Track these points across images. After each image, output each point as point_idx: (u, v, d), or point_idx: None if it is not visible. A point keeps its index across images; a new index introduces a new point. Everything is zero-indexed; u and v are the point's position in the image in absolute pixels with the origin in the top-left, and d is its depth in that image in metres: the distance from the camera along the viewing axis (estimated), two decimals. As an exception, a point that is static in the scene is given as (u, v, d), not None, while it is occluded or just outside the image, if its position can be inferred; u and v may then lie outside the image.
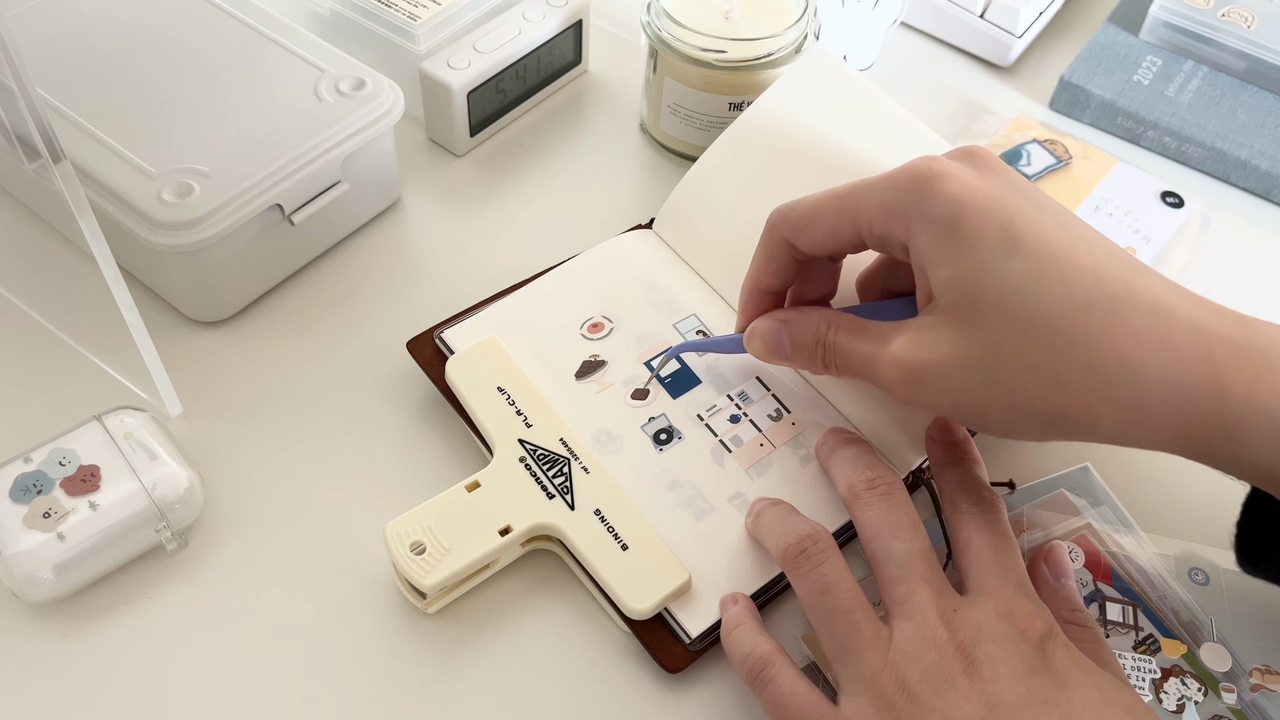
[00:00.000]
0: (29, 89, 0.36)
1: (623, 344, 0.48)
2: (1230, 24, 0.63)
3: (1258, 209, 0.60)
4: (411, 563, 0.40)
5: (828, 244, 0.40)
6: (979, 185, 0.37)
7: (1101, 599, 0.43)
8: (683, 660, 0.40)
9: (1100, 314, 0.35)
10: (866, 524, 0.39)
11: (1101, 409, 0.35)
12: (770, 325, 0.43)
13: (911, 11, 0.67)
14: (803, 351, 0.42)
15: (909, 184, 0.37)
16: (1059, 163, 0.60)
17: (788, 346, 0.42)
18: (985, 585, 0.38)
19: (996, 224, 0.36)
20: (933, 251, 0.37)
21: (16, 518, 0.40)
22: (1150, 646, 0.42)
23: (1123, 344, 0.34)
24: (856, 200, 0.39)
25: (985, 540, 0.39)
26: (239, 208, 0.46)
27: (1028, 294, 0.35)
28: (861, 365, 0.39)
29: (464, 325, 0.48)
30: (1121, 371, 0.34)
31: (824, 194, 0.40)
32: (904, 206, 0.37)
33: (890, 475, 0.41)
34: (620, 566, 0.41)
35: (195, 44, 0.52)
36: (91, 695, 0.40)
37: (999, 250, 0.35)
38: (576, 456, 0.44)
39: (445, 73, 0.55)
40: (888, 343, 0.38)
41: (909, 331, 0.38)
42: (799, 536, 0.39)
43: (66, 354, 0.49)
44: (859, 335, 0.40)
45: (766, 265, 0.42)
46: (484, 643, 0.41)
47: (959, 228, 0.36)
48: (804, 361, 0.42)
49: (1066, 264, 0.35)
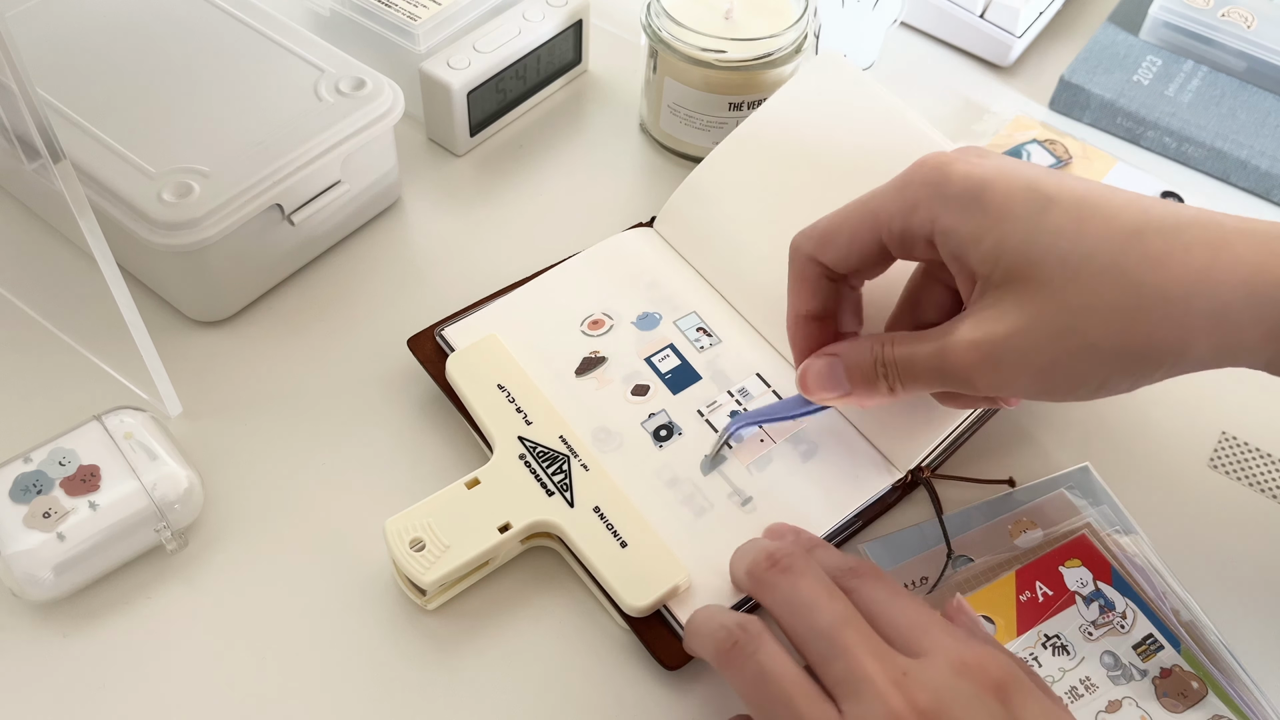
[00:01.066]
0: (29, 89, 0.36)
1: (623, 341, 0.48)
2: (1230, 24, 0.63)
3: (1258, 209, 0.60)
4: (411, 559, 0.40)
5: (851, 255, 0.40)
6: (989, 163, 0.37)
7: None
8: (681, 657, 0.40)
9: (1155, 238, 0.34)
10: (778, 605, 0.36)
11: (1189, 331, 0.34)
12: (822, 362, 0.41)
13: (911, 11, 0.67)
14: (861, 377, 0.40)
15: (921, 176, 0.37)
16: (1059, 163, 0.60)
17: (844, 378, 0.40)
18: (924, 643, 0.34)
19: (1020, 187, 0.36)
20: (964, 229, 0.36)
21: (16, 518, 0.40)
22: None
23: (1190, 260, 0.34)
24: (873, 206, 0.39)
25: (893, 602, 0.35)
26: (239, 208, 0.46)
27: (1078, 238, 0.35)
28: (929, 367, 0.38)
29: (464, 322, 0.48)
30: (1199, 286, 0.34)
31: (841, 208, 0.40)
32: (922, 199, 0.37)
33: (789, 547, 0.38)
34: (619, 563, 0.41)
35: (195, 44, 0.52)
36: (91, 695, 0.40)
37: (1034, 207, 0.35)
38: (576, 454, 0.44)
39: (445, 73, 0.55)
40: (951, 334, 0.37)
41: (969, 317, 0.37)
42: (727, 630, 0.35)
43: (66, 354, 0.49)
44: (918, 340, 0.38)
45: (800, 288, 0.42)
46: (483, 639, 0.41)
47: (985, 199, 0.36)
48: (864, 388, 0.40)
49: (1102, 203, 0.35)
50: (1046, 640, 0.42)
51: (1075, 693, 0.41)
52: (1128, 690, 0.41)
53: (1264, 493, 0.47)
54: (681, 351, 0.48)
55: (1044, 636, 0.42)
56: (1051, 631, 0.42)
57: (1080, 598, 0.43)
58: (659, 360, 0.47)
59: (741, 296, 0.50)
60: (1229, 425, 0.50)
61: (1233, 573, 0.45)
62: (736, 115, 0.55)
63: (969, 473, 0.46)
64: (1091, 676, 0.41)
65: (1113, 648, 0.41)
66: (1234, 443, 0.49)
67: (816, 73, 0.50)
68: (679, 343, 0.48)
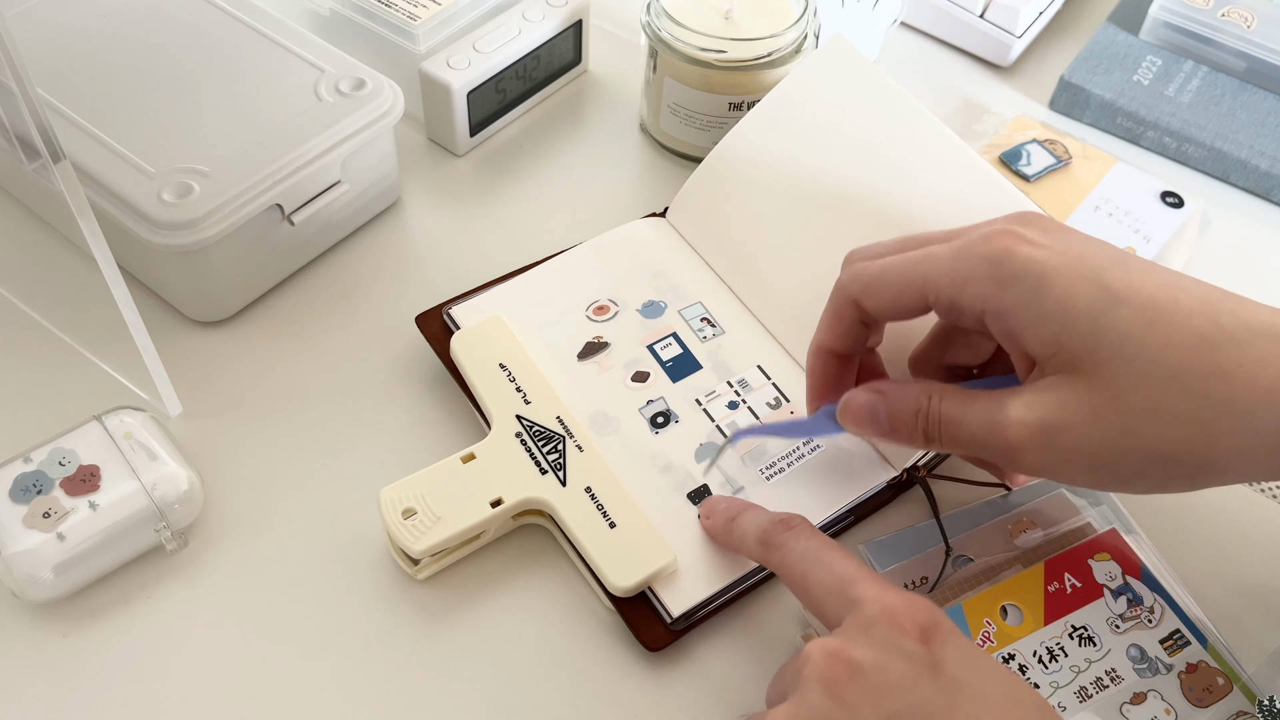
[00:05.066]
0: (29, 89, 0.36)
1: (627, 328, 0.48)
2: (1230, 24, 0.63)
3: (1258, 209, 0.60)
4: (402, 528, 0.41)
5: (892, 310, 0.39)
6: (1054, 246, 0.36)
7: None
8: (664, 639, 0.41)
9: (1224, 349, 0.34)
10: None
11: (1254, 446, 0.34)
12: (866, 398, 0.40)
13: (911, 11, 0.67)
14: (902, 425, 0.39)
15: (980, 252, 0.36)
16: (1059, 163, 0.60)
17: (884, 419, 0.39)
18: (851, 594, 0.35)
19: (1087, 280, 0.35)
20: (1025, 314, 0.35)
21: (16, 518, 0.40)
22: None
23: (1257, 374, 0.33)
24: (924, 269, 0.38)
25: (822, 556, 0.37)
26: (239, 208, 0.46)
27: (1145, 341, 0.34)
28: (977, 435, 0.37)
29: (472, 302, 0.49)
30: (1267, 401, 0.33)
31: (893, 257, 0.39)
32: (977, 274, 0.36)
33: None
34: (607, 543, 0.41)
35: (195, 44, 0.52)
36: (91, 695, 0.40)
37: (1100, 303, 0.34)
38: (572, 435, 0.44)
39: (445, 73, 0.55)
40: (1004, 408, 0.36)
41: (1025, 394, 0.36)
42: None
43: (66, 354, 0.49)
44: (969, 403, 0.37)
45: (832, 325, 0.41)
46: (472, 614, 0.42)
47: (1048, 288, 0.35)
48: (903, 435, 0.39)
49: (1172, 307, 0.34)
50: (1073, 631, 0.42)
51: (1100, 683, 0.41)
52: (1153, 683, 0.41)
53: (1264, 493, 0.47)
54: (684, 340, 0.48)
55: (1071, 627, 0.42)
56: (1079, 623, 0.42)
57: (1109, 591, 0.43)
58: (661, 348, 0.48)
59: (751, 285, 0.50)
60: (1229, 425, 0.50)
61: (1232, 573, 0.45)
62: (736, 115, 0.55)
63: (967, 474, 0.46)
64: (1118, 668, 0.41)
65: (1139, 641, 0.42)
66: (1234, 443, 0.49)
67: (821, 60, 0.50)
68: (682, 331, 0.48)
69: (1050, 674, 0.41)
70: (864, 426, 0.40)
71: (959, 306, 0.37)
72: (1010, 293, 0.35)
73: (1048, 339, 0.35)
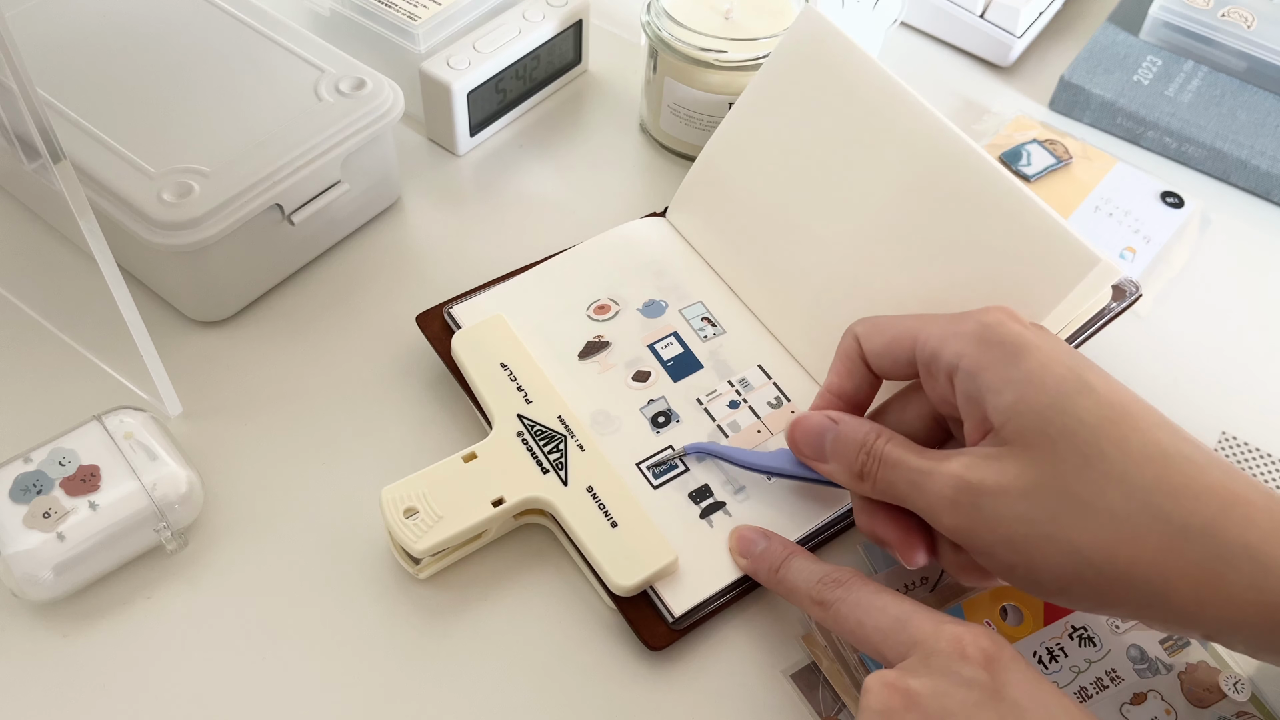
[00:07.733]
0: (29, 89, 0.36)
1: (628, 327, 0.48)
2: (1230, 24, 0.63)
3: (1258, 209, 0.60)
4: (403, 527, 0.41)
5: (885, 356, 0.40)
6: (1044, 334, 0.37)
7: None
8: (665, 639, 0.41)
9: (1177, 466, 0.33)
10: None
11: (1178, 568, 0.33)
12: (817, 420, 0.40)
13: (911, 11, 0.67)
14: (844, 454, 0.39)
15: (977, 317, 0.37)
16: (1059, 163, 0.60)
17: (829, 444, 0.40)
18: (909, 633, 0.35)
19: (1064, 364, 0.35)
20: (993, 376, 0.35)
21: (16, 518, 0.40)
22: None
23: (1201, 506, 0.33)
24: (922, 321, 0.39)
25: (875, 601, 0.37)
26: (239, 208, 0.46)
27: (1101, 434, 0.34)
28: (909, 480, 0.37)
29: (473, 301, 0.49)
30: (1201, 531, 0.32)
31: (903, 315, 0.40)
32: (966, 333, 0.37)
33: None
34: (609, 543, 0.41)
35: (195, 44, 0.52)
36: (91, 695, 0.40)
37: (1069, 385, 0.34)
38: (573, 434, 0.44)
39: (445, 73, 0.55)
40: (945, 462, 0.36)
41: (968, 455, 0.36)
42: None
43: (66, 354, 0.49)
44: (911, 451, 0.38)
45: (839, 364, 0.41)
46: (473, 614, 0.42)
47: (1024, 358, 0.35)
48: (841, 464, 0.39)
49: (1138, 415, 0.34)
50: (1073, 631, 0.42)
51: (1100, 684, 0.41)
52: (1153, 684, 0.41)
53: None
54: (685, 340, 0.48)
55: (1071, 627, 0.42)
56: (1079, 623, 0.42)
57: None
58: (662, 347, 0.48)
59: (751, 282, 0.50)
60: (1229, 425, 0.50)
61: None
62: (736, 115, 0.55)
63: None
64: (1118, 669, 0.41)
65: (1140, 642, 0.42)
66: (1234, 443, 0.49)
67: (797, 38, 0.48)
68: (683, 331, 0.49)
69: (1050, 674, 0.41)
70: (809, 445, 0.41)
71: (937, 359, 0.37)
72: (988, 354, 0.36)
73: (1006, 405, 0.35)
